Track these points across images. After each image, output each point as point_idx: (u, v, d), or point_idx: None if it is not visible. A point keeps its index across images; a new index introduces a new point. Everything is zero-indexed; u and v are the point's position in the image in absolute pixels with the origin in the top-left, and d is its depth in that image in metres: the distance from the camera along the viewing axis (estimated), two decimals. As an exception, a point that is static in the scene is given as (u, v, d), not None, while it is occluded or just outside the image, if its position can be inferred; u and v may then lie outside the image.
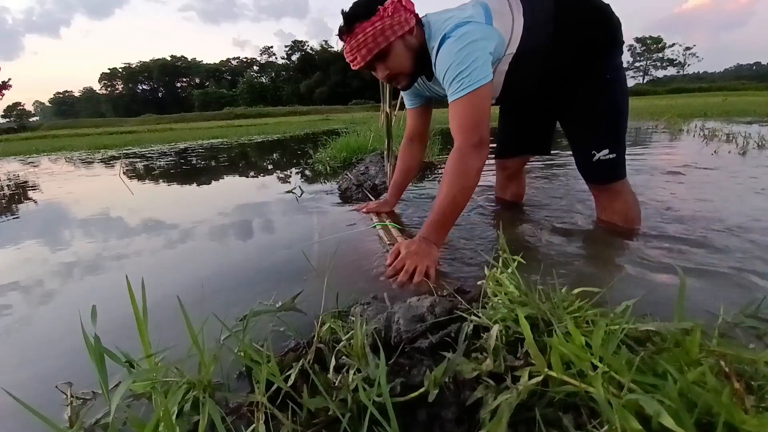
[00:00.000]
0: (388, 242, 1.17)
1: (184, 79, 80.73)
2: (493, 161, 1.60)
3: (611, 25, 1.10)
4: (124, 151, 6.43)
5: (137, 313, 0.54)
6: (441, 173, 2.42)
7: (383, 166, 2.34)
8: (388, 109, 1.85)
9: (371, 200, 1.79)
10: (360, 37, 1.02)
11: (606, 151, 1.15)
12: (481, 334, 0.57)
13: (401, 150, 1.51)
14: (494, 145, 1.38)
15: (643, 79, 73.76)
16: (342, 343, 0.59)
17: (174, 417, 0.47)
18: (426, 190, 2.02)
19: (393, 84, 1.15)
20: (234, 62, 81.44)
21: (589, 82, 1.14)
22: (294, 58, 72.32)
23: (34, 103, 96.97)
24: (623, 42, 1.15)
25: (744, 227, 1.19)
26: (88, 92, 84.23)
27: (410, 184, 2.17)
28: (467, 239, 1.21)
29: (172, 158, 4.86)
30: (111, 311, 0.79)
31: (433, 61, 1.06)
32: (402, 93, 1.40)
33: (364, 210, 1.56)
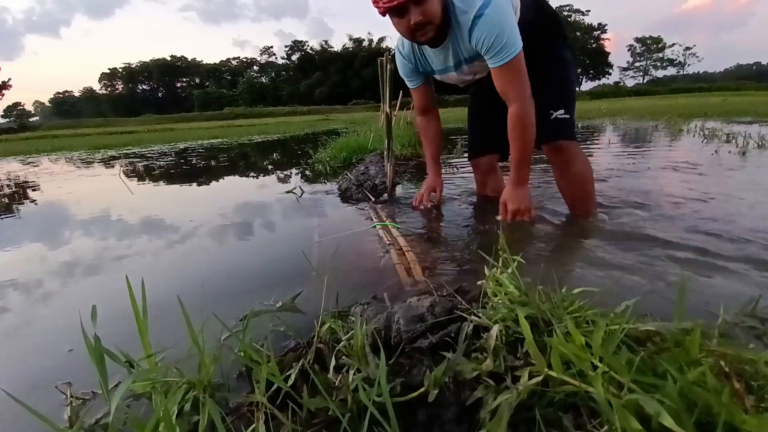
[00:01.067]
0: (388, 242, 1.17)
1: (184, 79, 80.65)
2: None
3: (561, 22, 1.40)
4: (124, 151, 6.43)
5: (137, 313, 0.54)
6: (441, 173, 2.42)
7: (383, 166, 2.34)
8: (388, 109, 1.85)
9: (371, 200, 1.79)
10: None
11: (562, 111, 1.30)
12: (481, 334, 0.57)
13: (421, 124, 1.60)
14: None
15: (643, 79, 73.68)
16: (342, 343, 0.59)
17: (174, 417, 0.47)
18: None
19: (417, 35, 1.17)
20: (234, 62, 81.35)
21: (545, 57, 1.31)
22: (294, 58, 72.24)
23: (34, 103, 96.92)
24: (569, 39, 1.42)
25: (745, 226, 1.19)
26: (88, 92, 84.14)
27: (411, 184, 2.19)
28: (468, 239, 1.21)
29: (172, 158, 4.86)
30: (111, 311, 0.79)
31: (467, 28, 1.14)
32: (402, 75, 1.50)
33: (418, 202, 1.60)
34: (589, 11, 66.48)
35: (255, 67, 79.19)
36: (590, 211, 1.39)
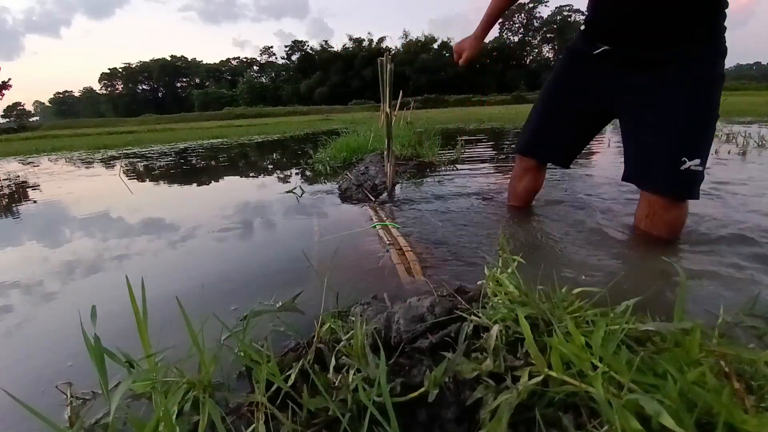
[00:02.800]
0: (388, 242, 1.17)
1: (184, 79, 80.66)
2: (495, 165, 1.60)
3: (723, 14, 1.00)
4: (124, 151, 6.42)
5: (137, 313, 0.54)
6: (441, 172, 2.43)
7: (383, 166, 2.34)
8: (388, 109, 1.85)
9: (371, 200, 1.79)
10: None
11: (698, 161, 0.98)
12: (481, 334, 0.57)
13: None
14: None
15: (643, 79, 73.46)
16: (342, 343, 0.59)
17: (174, 417, 0.47)
18: (425, 189, 2.02)
19: None
20: (234, 62, 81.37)
21: (691, 72, 1.00)
22: (294, 58, 72.24)
23: (34, 103, 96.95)
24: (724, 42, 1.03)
25: (745, 226, 1.19)
26: (88, 92, 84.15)
27: (411, 184, 2.19)
28: (467, 239, 1.21)
29: (172, 158, 4.86)
30: (111, 311, 0.79)
31: None
32: None
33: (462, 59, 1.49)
34: (589, 11, 66.34)
35: (255, 67, 79.23)
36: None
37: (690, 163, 0.99)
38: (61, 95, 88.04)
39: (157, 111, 57.89)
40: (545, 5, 64.26)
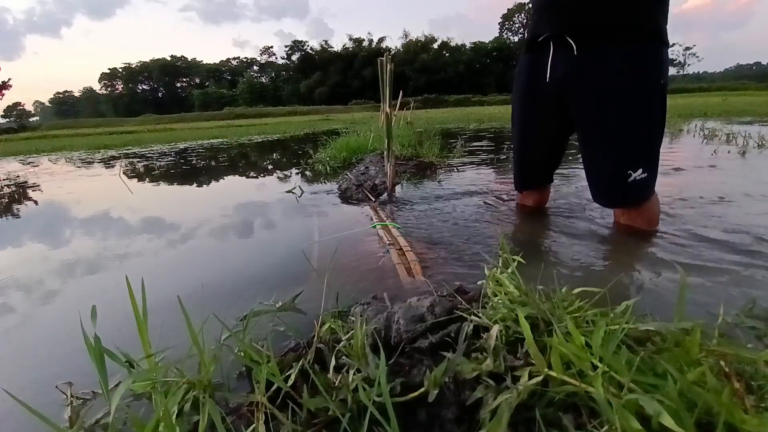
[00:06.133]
0: (388, 242, 1.17)
1: (184, 79, 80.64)
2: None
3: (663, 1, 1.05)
4: (124, 151, 6.42)
5: (137, 313, 0.54)
6: (441, 172, 2.43)
7: (383, 166, 2.34)
8: (388, 109, 1.84)
9: (371, 200, 1.79)
10: None
11: (641, 170, 1.06)
12: (481, 334, 0.57)
13: None
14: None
15: (643, 79, 73.39)
16: (342, 343, 0.59)
17: (174, 417, 0.47)
18: (426, 189, 2.02)
19: None
20: (234, 62, 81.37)
21: (631, 71, 1.02)
22: (294, 58, 72.22)
23: (34, 103, 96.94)
24: (666, 34, 1.07)
25: (745, 226, 1.19)
26: (88, 92, 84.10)
27: (411, 184, 2.19)
28: (468, 239, 1.21)
29: (171, 158, 4.86)
30: (111, 311, 0.79)
31: None
32: None
33: None
34: (589, 11, 66.21)
35: (255, 67, 79.23)
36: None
37: (635, 174, 1.06)
38: (61, 95, 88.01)
39: (157, 111, 57.82)
40: (545, 5, 64.06)
